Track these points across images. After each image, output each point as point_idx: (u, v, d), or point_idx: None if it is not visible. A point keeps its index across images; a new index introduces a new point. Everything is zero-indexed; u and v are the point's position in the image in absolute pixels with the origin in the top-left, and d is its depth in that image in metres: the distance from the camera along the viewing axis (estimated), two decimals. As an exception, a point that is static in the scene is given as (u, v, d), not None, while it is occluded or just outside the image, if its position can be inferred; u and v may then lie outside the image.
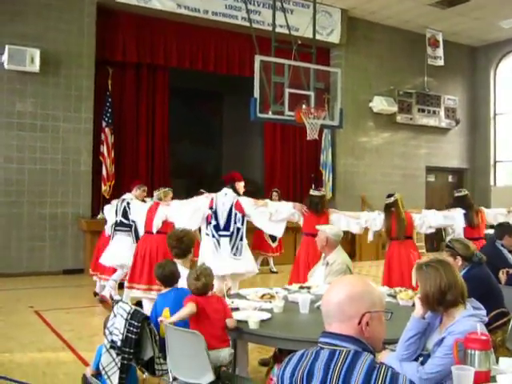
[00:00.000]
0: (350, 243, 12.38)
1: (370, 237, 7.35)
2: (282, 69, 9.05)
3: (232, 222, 6.89)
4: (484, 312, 2.94)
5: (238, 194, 7.13)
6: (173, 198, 7.68)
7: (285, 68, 9.06)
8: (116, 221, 7.99)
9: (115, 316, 3.86)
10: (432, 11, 13.41)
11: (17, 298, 8.34)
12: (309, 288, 5.00)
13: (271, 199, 10.50)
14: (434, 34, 14.74)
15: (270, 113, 8.94)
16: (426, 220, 7.30)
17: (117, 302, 4.00)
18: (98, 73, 11.14)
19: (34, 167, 10.41)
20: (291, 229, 9.09)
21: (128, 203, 7.94)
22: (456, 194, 8.08)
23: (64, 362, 5.41)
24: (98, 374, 3.98)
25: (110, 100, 11.25)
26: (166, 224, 7.21)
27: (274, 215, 7.06)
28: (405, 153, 15.23)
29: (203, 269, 3.94)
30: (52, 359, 5.47)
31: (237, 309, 4.14)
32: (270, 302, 4.42)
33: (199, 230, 7.33)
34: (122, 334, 3.74)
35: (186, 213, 7.05)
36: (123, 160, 11.69)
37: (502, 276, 5.46)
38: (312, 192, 7.33)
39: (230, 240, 6.86)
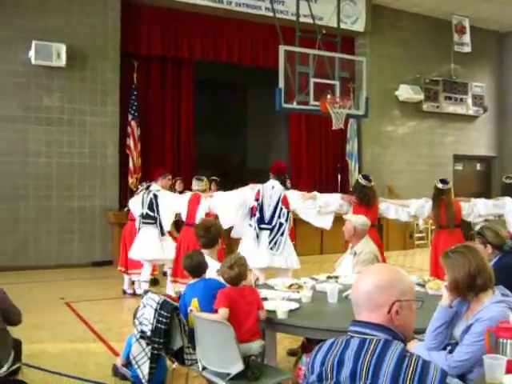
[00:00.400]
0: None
1: (421, 224, 7.23)
2: (306, 59, 9.02)
3: (276, 217, 6.68)
4: (512, 299, 2.90)
5: (286, 187, 6.96)
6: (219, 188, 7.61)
7: (309, 58, 9.03)
8: (142, 213, 7.84)
9: (144, 306, 3.90)
10: (458, -3, 13.21)
11: (47, 290, 8.48)
12: (337, 278, 4.99)
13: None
14: (460, 20, 14.52)
15: (295, 103, 8.93)
16: (476, 209, 7.11)
17: (146, 292, 4.04)
18: (124, 66, 11.22)
19: (62, 161, 10.54)
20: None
21: (155, 195, 7.75)
22: (505, 181, 7.82)
23: (94, 352, 5.49)
24: (128, 364, 4.03)
25: (135, 93, 11.34)
26: (209, 216, 7.11)
27: (323, 208, 6.83)
28: (431, 141, 15.06)
29: (238, 258, 3.89)
30: (82, 350, 5.55)
31: (265, 299, 4.15)
32: (298, 291, 4.42)
33: None
34: (152, 324, 3.78)
35: (232, 205, 6.92)
36: (149, 152, 11.78)
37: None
38: (363, 182, 7.08)
39: (270, 233, 6.66)
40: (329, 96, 8.85)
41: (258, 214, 6.70)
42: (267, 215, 6.70)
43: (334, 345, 2.01)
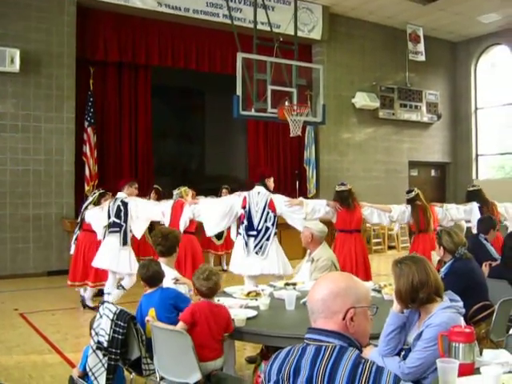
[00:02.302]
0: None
1: (397, 228, 7.45)
2: (264, 66, 9.06)
3: (262, 221, 6.63)
4: (461, 303, 2.96)
5: (270, 191, 6.97)
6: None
7: (267, 65, 9.08)
8: (110, 222, 7.48)
9: (101, 317, 3.85)
10: (413, 6, 13.46)
11: (1, 301, 8.28)
12: (294, 284, 5.02)
13: (220, 196, 10.39)
14: (414, 29, 14.83)
15: (253, 110, 8.96)
16: (448, 213, 7.51)
17: (102, 302, 3.99)
18: (80, 72, 11.06)
19: (16, 168, 10.32)
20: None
21: (124, 202, 7.44)
22: (469, 189, 8.38)
23: (50, 364, 5.38)
24: (85, 376, 3.96)
25: (91, 99, 11.19)
26: (192, 223, 7.06)
27: (309, 214, 6.86)
28: (388, 148, 15.31)
29: (209, 269, 3.86)
30: (38, 362, 5.44)
31: (227, 308, 4.13)
32: (256, 299, 4.43)
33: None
34: (109, 335, 3.73)
35: (217, 212, 6.87)
36: (106, 159, 11.65)
37: (485, 268, 5.52)
38: (338, 188, 7.21)
39: (255, 238, 6.61)
40: (286, 103, 8.92)
41: (245, 222, 6.65)
42: (255, 221, 6.64)
43: (291, 352, 2.03)
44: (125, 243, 7.40)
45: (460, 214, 7.83)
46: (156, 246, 4.73)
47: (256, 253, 6.56)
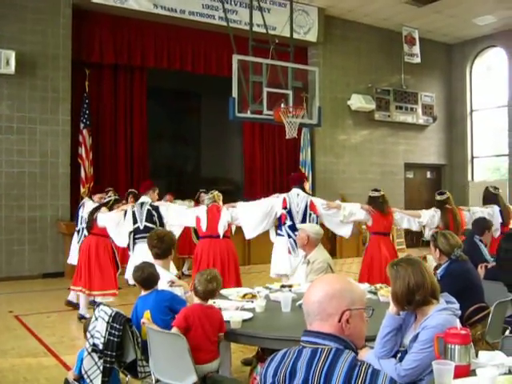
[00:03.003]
0: (331, 241, 12.43)
1: (427, 234, 7.50)
2: (259, 68, 9.06)
3: (307, 222, 6.81)
4: (457, 305, 2.96)
5: (308, 194, 7.18)
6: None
7: (263, 67, 9.07)
8: (137, 227, 7.19)
9: (96, 319, 3.84)
10: (408, 9, 13.51)
11: (-4, 303, 8.26)
12: (290, 287, 5.02)
13: (199, 201, 10.33)
14: (410, 31, 14.87)
15: (249, 112, 8.95)
16: (474, 217, 7.58)
17: (98, 305, 3.98)
18: (75, 74, 11.04)
19: (12, 170, 10.29)
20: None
21: (154, 207, 7.24)
22: (492, 191, 8.22)
23: (45, 366, 5.36)
24: (80, 378, 3.95)
25: (87, 101, 11.17)
26: (228, 227, 7.03)
27: (346, 217, 7.15)
28: (383, 150, 15.33)
29: (215, 273, 3.89)
30: (33, 364, 5.42)
31: (219, 309, 4.13)
32: (252, 301, 4.43)
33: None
34: (104, 337, 3.72)
35: (257, 214, 7.03)
36: (102, 161, 11.63)
37: (481, 270, 5.53)
38: (372, 194, 7.41)
39: None
40: (282, 105, 8.92)
41: (288, 222, 6.88)
42: (297, 222, 6.83)
43: (287, 355, 2.03)
44: None
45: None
46: (152, 249, 4.70)
47: None
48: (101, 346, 3.73)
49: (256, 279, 6.79)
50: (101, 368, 3.75)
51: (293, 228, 6.83)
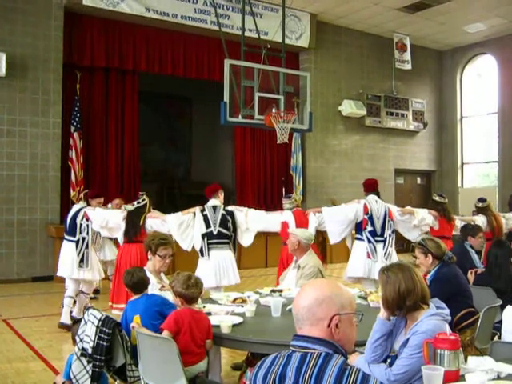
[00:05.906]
0: (321, 246, 12.42)
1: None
2: (251, 73, 9.06)
3: (386, 229, 7.13)
4: (447, 311, 2.98)
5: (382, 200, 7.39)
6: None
7: (254, 72, 9.08)
8: (210, 232, 6.69)
9: (86, 323, 3.82)
10: (399, 16, 13.60)
11: (-16, 307, 8.20)
12: (280, 291, 5.02)
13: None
14: (401, 38, 14.95)
15: (240, 117, 8.95)
16: (508, 223, 7.75)
17: (87, 309, 3.96)
18: (66, 77, 11.02)
19: (1, 173, 10.24)
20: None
21: (228, 211, 6.86)
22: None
23: (34, 371, 5.32)
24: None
25: (78, 104, 11.12)
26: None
27: (419, 222, 7.42)
28: (374, 156, 15.38)
29: (194, 275, 3.88)
30: (21, 369, 5.37)
31: (209, 313, 4.13)
32: (242, 306, 4.42)
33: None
34: (93, 341, 3.70)
35: (343, 220, 7.19)
36: (92, 165, 11.59)
37: (470, 276, 5.56)
38: (440, 199, 7.69)
39: (384, 245, 7.09)
40: (273, 110, 8.93)
41: (369, 227, 7.08)
42: (378, 227, 7.11)
43: (276, 359, 2.03)
44: (234, 252, 6.94)
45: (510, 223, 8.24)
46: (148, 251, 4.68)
47: (386, 259, 6.97)
48: (90, 350, 3.72)
49: (245, 284, 6.77)
50: (90, 372, 3.74)
51: (373, 233, 7.08)
